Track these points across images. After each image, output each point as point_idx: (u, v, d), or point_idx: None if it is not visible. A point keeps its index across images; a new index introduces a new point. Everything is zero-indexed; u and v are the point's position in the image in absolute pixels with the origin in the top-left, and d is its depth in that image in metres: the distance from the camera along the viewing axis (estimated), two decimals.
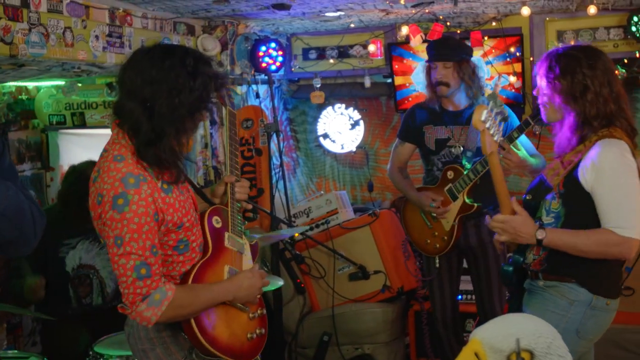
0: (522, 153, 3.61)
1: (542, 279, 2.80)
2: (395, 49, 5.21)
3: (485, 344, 1.55)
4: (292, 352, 4.93)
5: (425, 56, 4.37)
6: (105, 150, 2.44)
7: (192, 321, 2.42)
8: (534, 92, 2.95)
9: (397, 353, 4.90)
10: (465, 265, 4.36)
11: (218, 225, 2.63)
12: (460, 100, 4.16)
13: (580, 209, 2.71)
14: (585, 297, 2.73)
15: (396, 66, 5.23)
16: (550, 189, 2.79)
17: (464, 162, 4.05)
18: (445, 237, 4.13)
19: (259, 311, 2.65)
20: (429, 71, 4.18)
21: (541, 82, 2.86)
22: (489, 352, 1.54)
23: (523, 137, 4.02)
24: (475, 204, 4.04)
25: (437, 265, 4.21)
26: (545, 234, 2.71)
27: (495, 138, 2.78)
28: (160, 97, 2.35)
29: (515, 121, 4.13)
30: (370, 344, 4.82)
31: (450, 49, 4.10)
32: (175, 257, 2.47)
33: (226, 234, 2.64)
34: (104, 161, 2.39)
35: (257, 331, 2.61)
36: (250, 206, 2.88)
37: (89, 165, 4.01)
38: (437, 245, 4.17)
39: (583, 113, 2.74)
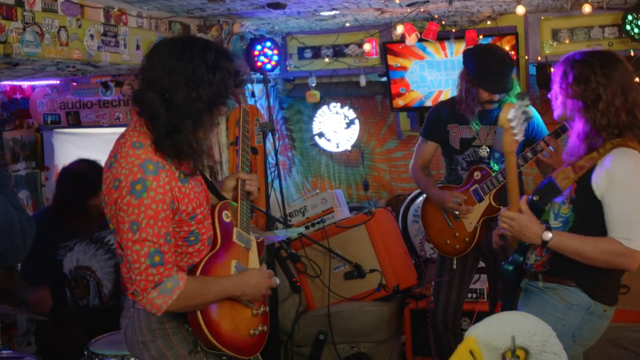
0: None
1: (541, 280, 2.78)
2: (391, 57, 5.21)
3: (481, 342, 1.55)
4: (287, 351, 4.92)
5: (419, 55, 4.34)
6: (122, 136, 2.45)
7: (198, 313, 2.41)
8: (549, 95, 2.92)
9: (393, 351, 4.91)
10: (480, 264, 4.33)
11: (227, 220, 2.64)
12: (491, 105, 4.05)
13: (590, 216, 2.69)
14: (585, 302, 2.72)
15: (395, 65, 5.24)
16: (559, 192, 2.76)
17: (492, 163, 4.00)
18: (467, 239, 4.06)
19: (262, 308, 2.65)
20: (473, 88, 3.97)
21: (555, 86, 2.84)
22: (484, 350, 1.54)
23: (543, 127, 4.07)
24: (502, 207, 4.00)
25: (455, 266, 4.13)
26: (552, 236, 2.68)
27: (517, 138, 2.71)
28: (178, 88, 2.35)
29: (539, 121, 4.09)
30: (366, 342, 4.82)
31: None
32: (185, 248, 2.48)
33: (235, 229, 2.65)
34: (122, 147, 2.39)
35: (260, 328, 2.61)
36: (257, 195, 2.87)
37: (81, 163, 4.01)
38: (457, 247, 4.09)
39: (593, 122, 2.71)
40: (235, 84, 2.48)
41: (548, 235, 2.68)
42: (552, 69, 4.82)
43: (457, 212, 4.06)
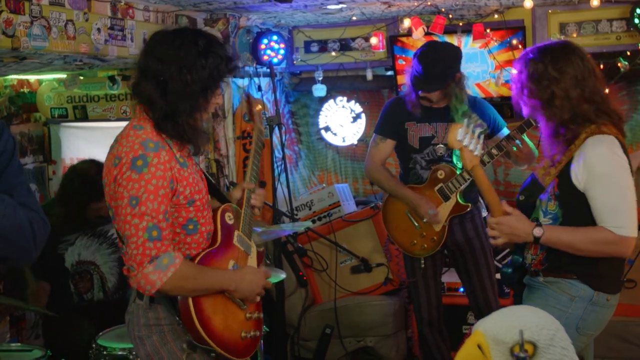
0: (531, 144, 3.63)
1: (542, 276, 2.79)
2: (398, 49, 5.18)
3: (489, 336, 1.54)
4: (294, 345, 4.94)
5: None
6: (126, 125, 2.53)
7: (190, 302, 2.40)
8: (512, 95, 2.90)
9: (400, 345, 4.91)
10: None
11: (230, 222, 2.65)
12: (444, 99, 3.97)
13: (577, 209, 2.69)
14: (587, 293, 2.72)
15: (400, 61, 5.23)
16: (542, 189, 2.77)
17: (455, 161, 3.96)
18: (435, 238, 3.99)
19: (255, 313, 2.64)
20: (412, 84, 3.93)
21: (513, 86, 2.84)
22: (492, 344, 1.54)
23: (500, 119, 4.06)
24: (469, 204, 3.98)
25: (423, 266, 4.06)
26: (542, 231, 2.68)
27: (475, 153, 2.73)
28: (172, 73, 2.42)
29: (494, 113, 4.07)
30: (372, 336, 4.83)
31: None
32: (183, 237, 2.49)
33: (236, 232, 2.66)
34: (123, 131, 2.48)
35: (252, 332, 2.59)
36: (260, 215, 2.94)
37: (90, 165, 4.00)
38: (425, 246, 4.02)
39: (555, 118, 2.72)
40: (227, 69, 2.55)
41: (539, 231, 2.69)
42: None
43: (425, 220, 3.98)
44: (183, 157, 2.51)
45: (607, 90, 2.90)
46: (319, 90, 5.49)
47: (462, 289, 4.65)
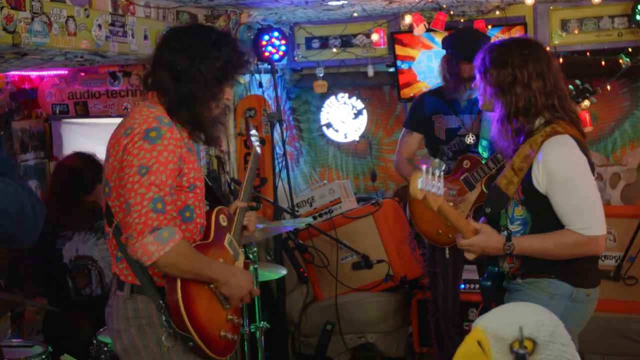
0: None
1: (520, 278, 2.78)
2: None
3: (488, 333, 1.55)
4: (295, 341, 4.94)
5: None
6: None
7: (178, 284, 2.39)
8: (472, 85, 2.92)
9: (400, 342, 4.92)
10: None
11: (224, 224, 2.66)
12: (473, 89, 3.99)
13: (545, 212, 2.69)
14: (566, 290, 2.71)
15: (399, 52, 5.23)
16: (508, 198, 2.75)
17: (481, 151, 3.99)
18: None
19: (236, 318, 2.63)
20: (454, 64, 4.00)
21: (476, 73, 2.83)
22: (492, 341, 1.54)
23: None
24: None
25: (448, 255, 4.09)
26: (512, 246, 2.69)
27: (439, 193, 2.70)
28: (185, 62, 2.48)
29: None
30: (373, 333, 4.83)
31: (471, 47, 3.82)
32: (179, 223, 2.47)
33: (227, 235, 2.68)
34: (135, 108, 2.52)
35: (230, 335, 2.57)
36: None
37: (76, 157, 4.02)
38: (450, 235, 3.99)
39: (510, 106, 2.70)
40: (239, 62, 2.59)
41: (510, 247, 2.69)
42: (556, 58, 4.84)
43: (451, 204, 4.02)
44: (189, 145, 2.54)
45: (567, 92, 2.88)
46: (321, 86, 5.48)
47: (463, 286, 4.64)
